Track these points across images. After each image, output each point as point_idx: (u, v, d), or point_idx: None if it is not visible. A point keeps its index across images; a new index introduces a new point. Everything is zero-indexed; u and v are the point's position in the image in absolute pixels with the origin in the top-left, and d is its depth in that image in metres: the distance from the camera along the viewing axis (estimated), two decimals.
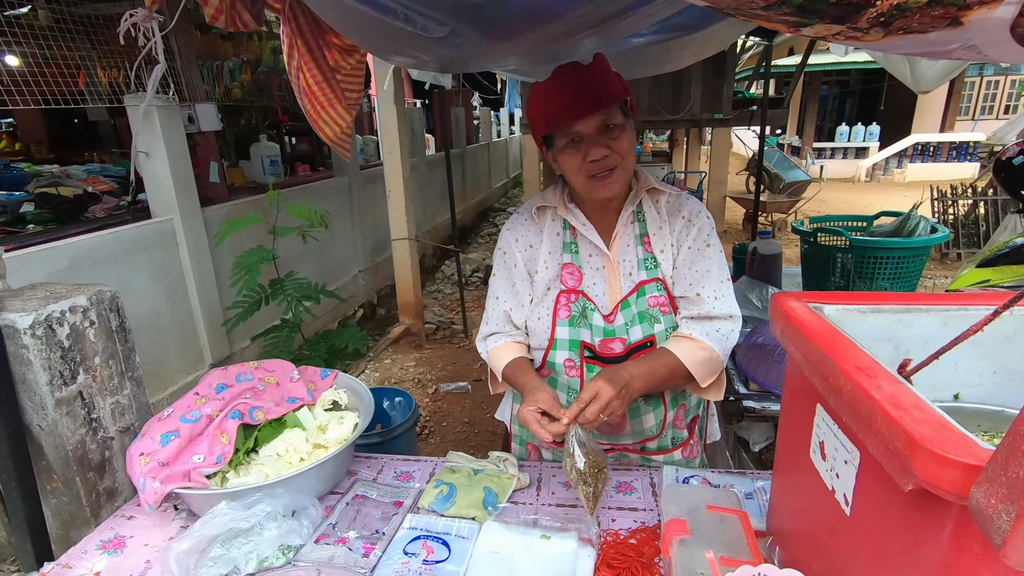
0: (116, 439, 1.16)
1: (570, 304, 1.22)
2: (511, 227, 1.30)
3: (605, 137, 1.11)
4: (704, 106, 4.76)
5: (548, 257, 1.25)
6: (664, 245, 1.21)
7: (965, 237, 6.59)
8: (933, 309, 0.88)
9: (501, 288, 1.30)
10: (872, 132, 13.99)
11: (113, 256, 2.99)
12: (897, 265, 1.98)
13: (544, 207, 1.27)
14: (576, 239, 1.24)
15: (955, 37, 0.67)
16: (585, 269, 1.23)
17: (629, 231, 1.23)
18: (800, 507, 0.88)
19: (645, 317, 1.20)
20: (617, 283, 1.22)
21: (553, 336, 1.23)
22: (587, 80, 1.11)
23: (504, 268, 1.29)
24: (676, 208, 1.23)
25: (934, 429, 0.51)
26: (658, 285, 1.21)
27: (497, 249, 1.32)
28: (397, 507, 1.15)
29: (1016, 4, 0.61)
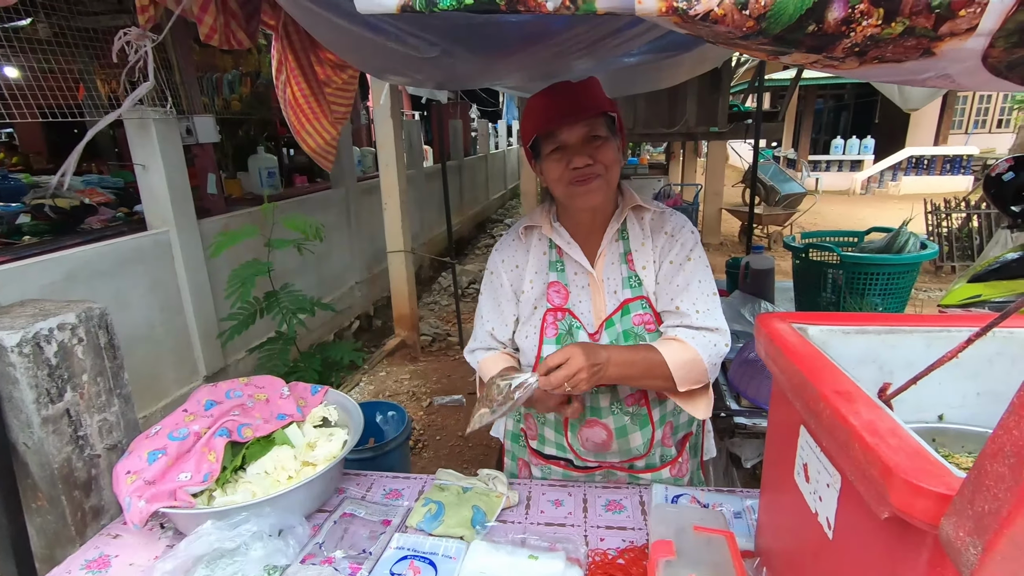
0: (103, 457, 1.16)
1: (557, 322, 1.23)
2: (499, 248, 1.34)
3: (589, 147, 1.13)
4: (700, 119, 4.80)
5: (534, 276, 1.27)
6: (646, 261, 1.22)
7: (959, 250, 6.63)
8: (916, 330, 0.89)
9: (487, 307, 1.33)
10: (867, 145, 14.11)
11: (109, 268, 2.99)
12: (888, 281, 1.99)
13: (531, 227, 1.29)
14: (562, 258, 1.26)
15: (929, 66, 0.68)
16: (571, 287, 1.25)
17: (614, 249, 1.24)
18: (786, 528, 0.88)
19: (630, 335, 1.20)
20: (602, 301, 1.23)
21: (540, 354, 1.24)
22: (574, 93, 1.15)
23: (490, 288, 1.33)
24: (660, 224, 1.24)
25: (909, 457, 0.51)
26: (643, 303, 1.21)
27: (486, 270, 1.36)
28: (385, 526, 1.15)
29: (987, 36, 0.62)
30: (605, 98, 1.19)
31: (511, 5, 0.67)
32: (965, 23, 0.63)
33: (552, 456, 1.36)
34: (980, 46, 0.65)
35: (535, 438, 1.37)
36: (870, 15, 0.62)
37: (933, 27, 0.64)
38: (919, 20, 0.63)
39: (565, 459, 1.34)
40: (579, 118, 1.12)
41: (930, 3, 0.60)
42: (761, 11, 0.62)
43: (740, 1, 0.60)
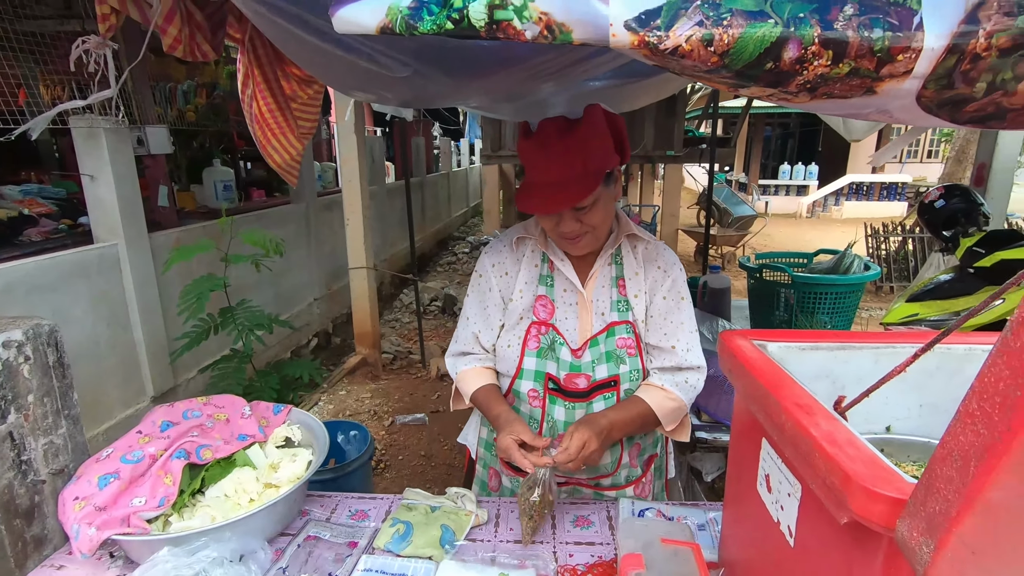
0: (48, 482, 1.09)
1: (540, 336, 1.25)
2: (489, 252, 1.33)
3: (579, 213, 1.13)
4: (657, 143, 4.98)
5: (524, 287, 1.28)
6: (638, 291, 1.26)
7: (897, 271, 7.04)
8: (866, 347, 0.94)
9: (472, 310, 1.33)
10: (811, 171, 14.89)
11: (50, 283, 2.83)
12: (835, 300, 2.11)
13: (524, 238, 1.31)
14: (553, 273, 1.28)
15: (871, 103, 0.75)
16: (558, 303, 1.26)
17: (606, 272, 1.27)
18: (749, 538, 0.91)
19: (612, 356, 1.23)
20: (589, 321, 1.25)
21: (520, 365, 1.26)
22: (569, 156, 1.08)
23: (478, 291, 1.33)
24: (652, 257, 1.28)
25: (866, 465, 0.55)
26: (628, 327, 1.24)
27: (474, 272, 1.35)
28: (351, 548, 1.12)
29: (920, 79, 0.69)
30: (605, 146, 1.11)
31: (490, 32, 0.69)
32: (902, 67, 0.70)
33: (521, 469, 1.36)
34: (915, 87, 0.71)
35: None
36: (821, 56, 0.68)
37: (875, 69, 0.70)
38: (863, 62, 0.69)
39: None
40: (565, 207, 1.10)
41: (872, 47, 0.65)
42: (725, 48, 0.67)
43: (706, 38, 0.64)
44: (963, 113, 0.77)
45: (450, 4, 0.67)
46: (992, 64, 0.70)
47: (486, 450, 1.44)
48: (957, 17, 0.68)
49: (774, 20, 0.64)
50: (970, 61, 0.70)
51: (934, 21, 0.68)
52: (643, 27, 0.64)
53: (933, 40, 0.68)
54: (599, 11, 0.64)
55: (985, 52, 0.69)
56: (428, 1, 0.68)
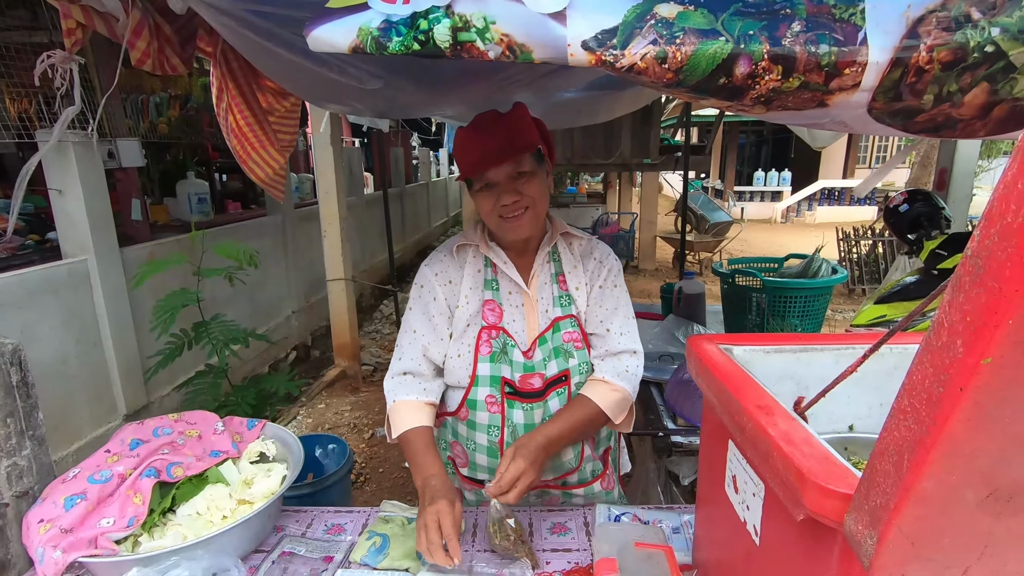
0: (12, 506, 1.06)
1: (491, 340, 1.25)
2: (430, 263, 1.32)
3: (516, 183, 1.17)
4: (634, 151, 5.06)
5: (469, 293, 1.27)
6: (579, 283, 1.29)
7: (868, 274, 7.22)
8: (827, 348, 0.97)
9: (418, 322, 1.29)
10: (785, 178, 15.23)
11: (15, 299, 2.76)
12: (805, 303, 2.16)
13: (465, 245, 1.31)
14: (497, 276, 1.28)
15: (824, 114, 0.78)
16: (505, 306, 1.27)
17: (546, 270, 1.29)
18: (720, 539, 0.93)
19: (560, 352, 1.25)
20: (535, 320, 1.27)
21: (475, 373, 1.25)
22: (501, 131, 1.17)
23: (421, 303, 1.29)
24: (588, 251, 1.32)
25: (819, 462, 0.57)
26: (572, 321, 1.27)
27: (415, 284, 1.32)
28: (327, 562, 1.11)
29: (869, 91, 0.72)
30: (532, 129, 1.22)
31: (455, 52, 0.71)
32: (850, 80, 0.73)
33: (485, 481, 1.35)
34: (865, 100, 0.75)
35: (466, 465, 1.35)
36: (771, 71, 0.71)
37: (824, 82, 0.73)
38: (812, 76, 0.72)
39: None
40: (504, 159, 1.15)
41: (820, 62, 0.69)
42: (678, 65, 0.69)
43: (659, 56, 0.67)
44: (914, 123, 0.80)
45: (417, 26, 0.69)
46: (936, 76, 0.73)
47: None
48: (899, 32, 0.72)
49: (725, 38, 0.67)
50: (915, 74, 0.73)
51: (877, 36, 0.71)
52: (600, 46, 0.67)
53: (877, 54, 0.71)
54: (557, 32, 0.66)
55: (928, 65, 0.72)
56: (396, 23, 0.70)
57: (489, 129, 1.18)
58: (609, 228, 8.79)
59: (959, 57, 0.72)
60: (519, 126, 1.19)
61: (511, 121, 1.19)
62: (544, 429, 1.17)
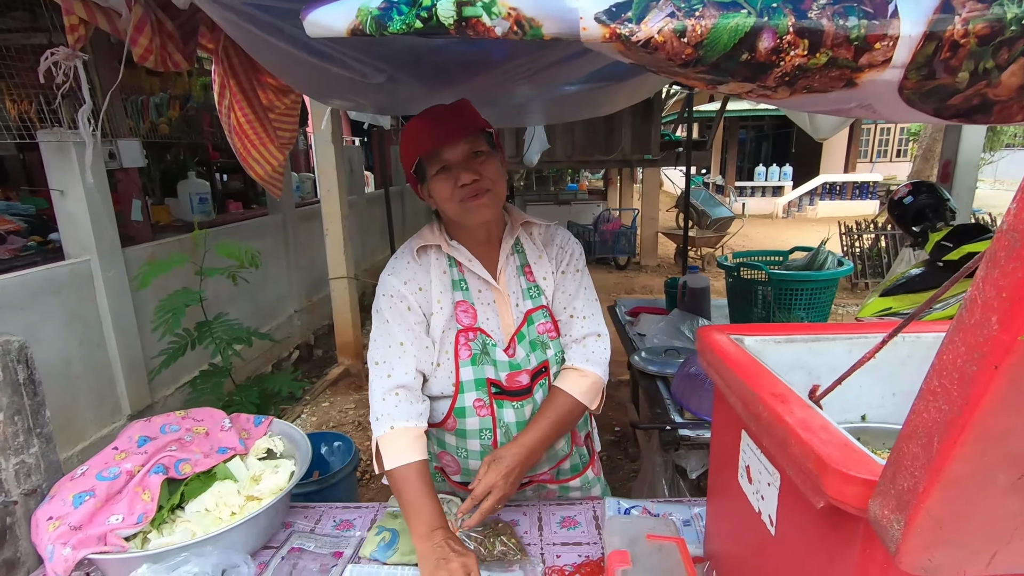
0: (20, 503, 1.06)
1: (470, 343, 1.20)
2: (394, 271, 1.22)
3: (474, 162, 1.14)
4: (634, 147, 5.05)
5: (441, 297, 1.21)
6: (546, 273, 1.27)
7: (871, 268, 7.21)
8: (839, 338, 0.97)
9: (403, 335, 1.18)
10: (786, 172, 15.19)
11: (18, 300, 2.76)
12: (811, 296, 2.15)
13: (425, 247, 1.24)
14: (464, 275, 1.23)
15: (852, 96, 0.76)
16: (478, 305, 1.23)
17: (511, 263, 1.26)
18: (732, 530, 0.92)
19: (537, 345, 1.24)
20: (509, 315, 1.24)
21: (459, 379, 1.19)
22: (451, 114, 1.16)
23: (396, 314, 1.19)
24: (550, 238, 1.30)
25: (839, 449, 0.56)
26: (543, 312, 1.25)
27: (382, 296, 1.21)
28: (337, 558, 1.11)
29: (901, 68, 0.70)
30: (480, 117, 1.20)
31: (460, 30, 0.69)
32: (881, 55, 0.70)
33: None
34: (896, 78, 0.72)
35: (458, 472, 1.31)
36: (797, 45, 0.69)
37: (853, 58, 0.71)
38: (840, 51, 0.70)
39: None
40: (461, 136, 1.13)
41: (848, 36, 0.67)
42: (698, 39, 0.67)
43: (678, 29, 0.65)
44: (948, 106, 0.77)
45: (419, 3, 0.67)
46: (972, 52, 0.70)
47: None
48: (932, 4, 0.68)
49: (747, 10, 0.65)
50: (949, 49, 0.70)
51: (909, 7, 0.68)
52: (614, 20, 0.65)
53: (909, 27, 0.68)
54: (568, 4, 0.64)
55: (963, 39, 0.69)
56: (398, 1, 0.68)
57: (440, 115, 1.16)
58: (611, 224, 8.78)
59: (996, 31, 0.68)
60: (469, 110, 1.19)
61: (460, 107, 1.19)
62: (522, 438, 1.16)
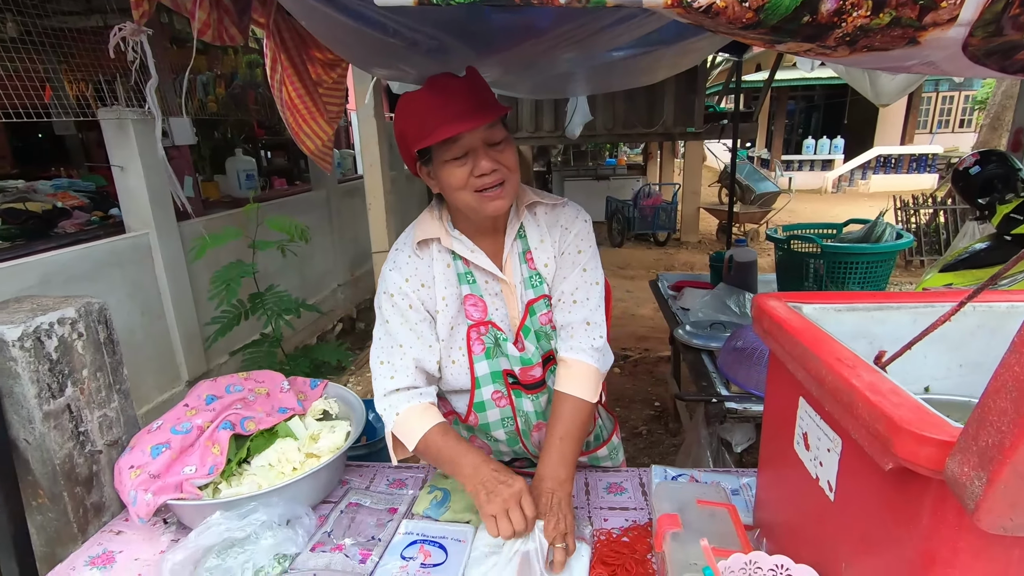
0: (104, 453, 1.14)
1: (482, 337, 1.15)
2: (395, 267, 1.16)
3: (492, 151, 1.05)
4: (677, 120, 4.90)
5: (446, 293, 1.15)
6: (548, 259, 1.19)
7: (927, 244, 6.86)
8: (903, 307, 0.93)
9: (402, 335, 1.14)
10: (837, 145, 14.50)
11: (86, 272, 2.93)
12: (866, 270, 2.07)
13: (426, 240, 1.16)
14: (469, 268, 1.16)
15: (914, 54, 0.73)
16: (486, 297, 1.16)
17: (515, 249, 1.18)
18: (786, 498, 0.92)
19: (542, 335, 1.18)
20: (516, 306, 1.18)
21: (474, 375, 1.16)
22: (467, 91, 1.05)
23: (397, 312, 1.14)
24: (555, 219, 1.20)
25: (911, 411, 0.55)
26: (546, 302, 1.19)
27: (382, 294, 1.16)
28: (392, 513, 1.16)
29: (966, 26, 0.67)
30: (493, 95, 1.10)
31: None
32: (946, 14, 0.67)
33: (509, 462, 1.34)
34: (960, 35, 0.69)
35: (489, 453, 1.29)
36: (860, 6, 0.66)
37: (917, 17, 0.68)
38: (905, 11, 0.67)
39: (523, 459, 1.34)
40: (480, 120, 1.01)
41: None
42: (760, 3, 0.66)
43: None
44: (1013, 62, 0.74)
45: None
46: None
47: None
48: None
49: None
50: (1020, 5, 0.67)
51: None
52: None
53: None
54: None
55: None
56: None
57: (452, 90, 1.04)
58: (651, 200, 8.61)
59: None
60: (483, 88, 1.07)
61: (473, 82, 1.07)
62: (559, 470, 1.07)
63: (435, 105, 1.03)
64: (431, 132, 1.01)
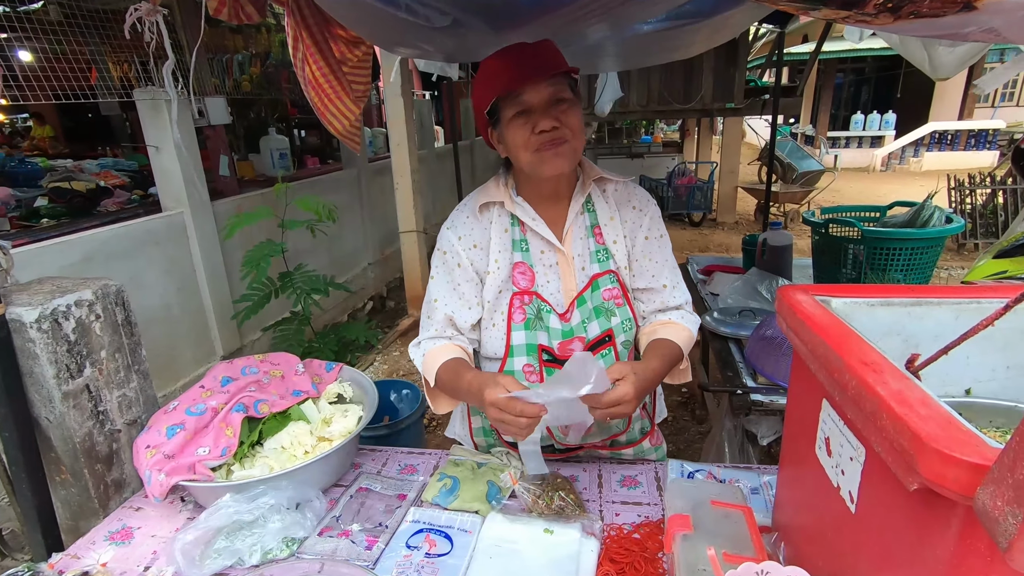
0: (123, 431, 1.17)
1: (524, 307, 1.16)
2: (452, 226, 1.20)
3: (555, 109, 1.05)
4: (716, 95, 4.71)
5: (499, 256, 1.17)
6: (617, 236, 1.19)
7: (983, 227, 6.47)
8: (945, 302, 0.86)
9: (441, 291, 1.19)
10: (888, 120, 13.73)
11: (125, 249, 3.02)
12: (910, 256, 1.94)
13: (488, 203, 1.19)
14: (526, 236, 1.18)
15: (970, 20, 0.65)
16: (537, 267, 1.17)
17: (580, 223, 1.19)
18: (805, 503, 0.87)
19: (601, 312, 1.17)
20: (572, 279, 1.18)
21: (509, 342, 1.17)
22: (535, 51, 1.07)
23: (445, 269, 1.19)
24: (625, 198, 1.22)
25: (941, 427, 0.49)
26: (611, 277, 1.18)
27: (436, 250, 1.21)
28: (401, 500, 1.16)
29: None
30: (564, 59, 1.10)
31: None
32: None
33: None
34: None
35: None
36: None
37: None
38: None
39: (546, 447, 1.30)
40: (544, 76, 1.03)
41: None
42: None
43: None
44: None
45: None
46: None
47: (485, 437, 1.34)
48: None
49: None
50: None
51: None
52: None
53: None
54: None
55: None
56: None
57: (521, 52, 1.06)
58: (686, 179, 8.37)
59: None
60: (553, 50, 1.09)
61: (544, 46, 1.09)
62: (650, 364, 1.09)
63: (502, 66, 1.06)
64: (497, 88, 1.06)
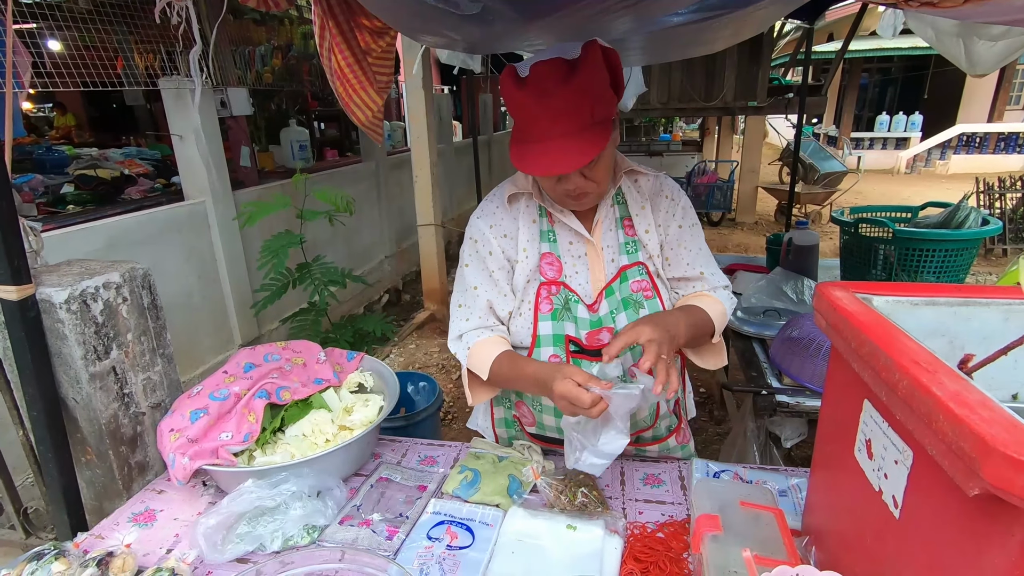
0: (147, 414, 1.18)
1: (551, 297, 1.16)
2: (482, 215, 1.20)
3: (584, 169, 1.03)
4: (738, 93, 4.62)
5: (527, 246, 1.16)
6: (648, 225, 1.18)
7: (1012, 232, 6.30)
8: (993, 303, 0.82)
9: (478, 278, 1.18)
10: (914, 122, 13.44)
11: (148, 236, 3.06)
12: (944, 258, 1.88)
13: (517, 194, 1.19)
14: (554, 227, 1.18)
15: None
16: (565, 258, 1.17)
17: (610, 215, 1.18)
18: (841, 507, 0.84)
19: (629, 303, 1.15)
20: (601, 270, 1.17)
21: (536, 332, 1.15)
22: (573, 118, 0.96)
23: (478, 258, 1.19)
24: (658, 189, 1.21)
25: (1006, 430, 0.47)
26: (640, 269, 1.16)
27: (467, 239, 1.21)
28: (421, 491, 1.15)
29: None
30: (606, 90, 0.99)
31: None
32: None
33: (553, 439, 1.28)
34: None
35: (533, 424, 1.28)
36: None
37: None
38: None
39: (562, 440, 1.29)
40: (576, 167, 0.97)
41: None
42: None
43: None
44: None
45: None
46: None
47: (507, 427, 1.34)
48: None
49: None
50: None
51: None
52: None
53: None
54: None
55: None
56: None
57: (558, 102, 0.95)
58: (705, 177, 8.27)
59: None
60: (596, 93, 0.97)
61: (587, 86, 0.95)
62: (674, 312, 1.10)
63: (536, 116, 0.97)
64: (524, 152, 0.99)
